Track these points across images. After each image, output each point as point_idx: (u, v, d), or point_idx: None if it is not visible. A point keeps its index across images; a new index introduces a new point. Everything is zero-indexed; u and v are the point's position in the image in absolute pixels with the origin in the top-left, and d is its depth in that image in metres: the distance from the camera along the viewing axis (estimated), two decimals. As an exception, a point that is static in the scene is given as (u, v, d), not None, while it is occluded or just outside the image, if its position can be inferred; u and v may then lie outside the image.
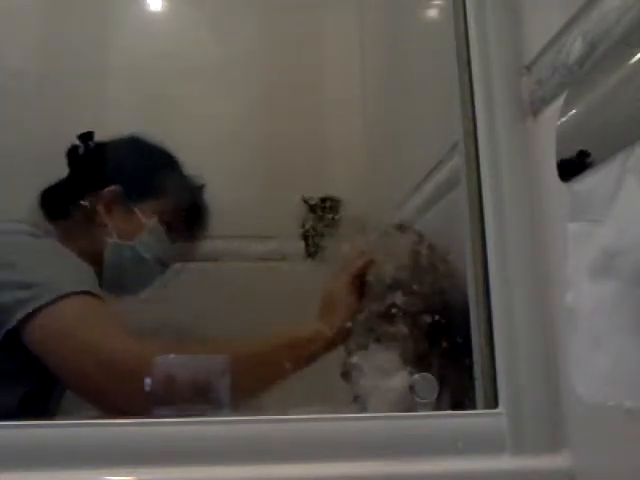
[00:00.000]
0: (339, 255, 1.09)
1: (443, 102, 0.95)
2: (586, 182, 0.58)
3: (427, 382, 0.84)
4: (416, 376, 0.84)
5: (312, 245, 1.44)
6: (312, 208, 1.58)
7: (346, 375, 0.94)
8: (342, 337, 1.01)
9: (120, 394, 0.94)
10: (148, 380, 0.88)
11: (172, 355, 0.95)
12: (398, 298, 0.91)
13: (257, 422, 0.75)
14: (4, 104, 1.57)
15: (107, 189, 1.23)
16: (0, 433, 0.70)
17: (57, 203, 1.28)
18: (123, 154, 1.29)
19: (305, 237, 1.51)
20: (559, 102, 0.65)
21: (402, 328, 0.89)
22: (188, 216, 1.30)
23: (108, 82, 1.70)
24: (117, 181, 1.23)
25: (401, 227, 1.07)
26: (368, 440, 0.73)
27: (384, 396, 0.85)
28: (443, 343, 0.88)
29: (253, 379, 1.01)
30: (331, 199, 1.61)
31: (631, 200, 0.51)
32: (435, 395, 0.83)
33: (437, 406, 0.84)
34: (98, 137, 1.60)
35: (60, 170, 1.62)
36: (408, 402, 0.83)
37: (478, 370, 0.79)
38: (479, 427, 0.74)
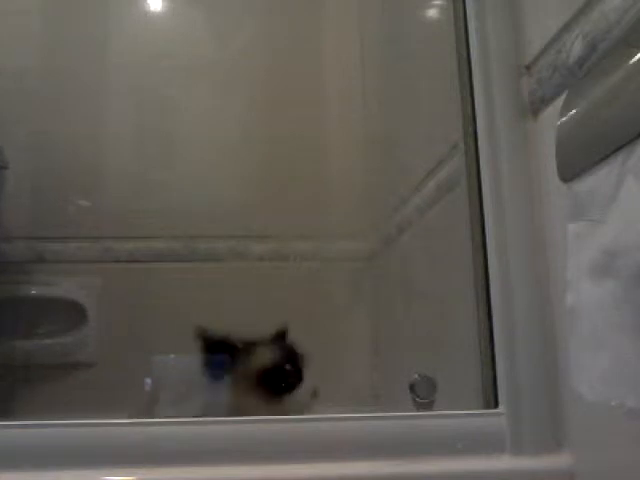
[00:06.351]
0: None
1: (443, 102, 0.95)
2: (586, 182, 0.58)
3: (427, 382, 0.84)
4: (416, 376, 0.84)
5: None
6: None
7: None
8: None
9: None
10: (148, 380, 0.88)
11: (172, 355, 0.95)
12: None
13: (257, 422, 0.75)
14: (4, 104, 1.57)
15: None
16: (0, 433, 0.70)
17: None
18: None
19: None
20: (559, 102, 0.65)
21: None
22: None
23: (108, 82, 1.70)
24: None
25: None
26: (368, 440, 0.73)
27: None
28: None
29: None
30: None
31: (631, 200, 0.51)
32: (435, 395, 0.83)
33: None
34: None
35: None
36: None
37: (478, 370, 0.79)
38: (479, 427, 0.74)
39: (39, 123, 1.62)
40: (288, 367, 1.12)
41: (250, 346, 1.15)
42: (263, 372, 1.11)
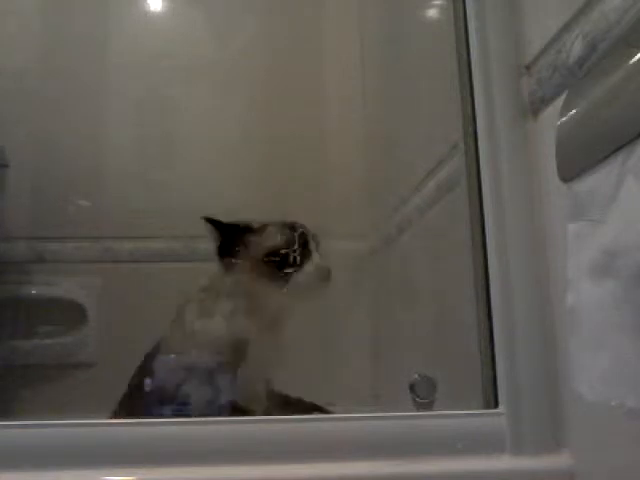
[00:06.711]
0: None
1: (443, 102, 0.95)
2: (586, 182, 0.58)
3: (427, 382, 0.84)
4: (416, 376, 0.84)
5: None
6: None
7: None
8: None
9: None
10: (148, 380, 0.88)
11: (172, 355, 0.95)
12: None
13: (257, 422, 0.75)
14: (4, 104, 1.57)
15: None
16: (0, 433, 0.70)
17: None
18: None
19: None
20: (559, 102, 0.65)
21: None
22: None
23: (108, 82, 1.70)
24: None
25: None
26: (368, 440, 0.73)
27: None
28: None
29: None
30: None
31: (631, 200, 0.51)
32: (435, 395, 0.83)
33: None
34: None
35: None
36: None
37: (478, 370, 0.79)
38: (479, 427, 0.74)
39: (39, 123, 1.62)
40: (296, 246, 1.10)
41: (261, 227, 1.14)
42: (271, 250, 1.09)
